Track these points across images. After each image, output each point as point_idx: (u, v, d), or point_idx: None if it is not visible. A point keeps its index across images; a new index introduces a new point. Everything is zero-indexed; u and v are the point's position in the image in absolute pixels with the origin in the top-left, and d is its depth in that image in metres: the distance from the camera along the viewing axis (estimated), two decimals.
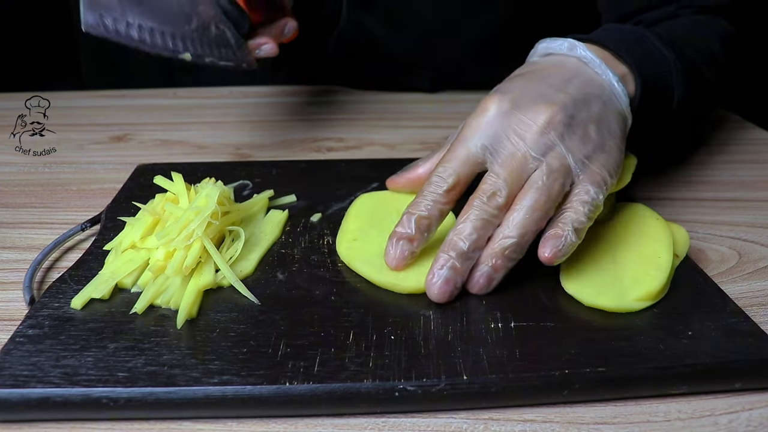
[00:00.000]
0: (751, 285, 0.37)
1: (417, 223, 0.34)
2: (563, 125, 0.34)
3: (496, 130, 0.34)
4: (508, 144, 0.34)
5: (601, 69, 0.38)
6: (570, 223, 0.33)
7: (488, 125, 0.34)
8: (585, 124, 0.35)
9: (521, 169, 0.33)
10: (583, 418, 0.28)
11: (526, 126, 0.34)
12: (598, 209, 0.34)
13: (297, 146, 0.58)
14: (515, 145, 0.34)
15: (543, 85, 0.36)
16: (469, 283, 0.33)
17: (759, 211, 0.46)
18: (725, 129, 0.61)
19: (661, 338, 0.30)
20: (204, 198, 0.36)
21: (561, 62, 0.38)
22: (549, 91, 0.36)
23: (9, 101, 0.59)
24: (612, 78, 0.37)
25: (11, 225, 0.43)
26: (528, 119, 0.34)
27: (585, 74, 0.37)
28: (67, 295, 0.32)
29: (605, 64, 0.38)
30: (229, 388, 0.27)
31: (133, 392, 0.26)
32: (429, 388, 0.27)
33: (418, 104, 0.68)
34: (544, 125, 0.34)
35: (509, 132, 0.34)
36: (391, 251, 0.34)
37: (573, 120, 0.35)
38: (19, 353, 0.28)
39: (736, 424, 0.27)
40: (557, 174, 0.33)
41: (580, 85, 0.36)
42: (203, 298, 0.33)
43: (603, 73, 0.38)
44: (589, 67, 0.38)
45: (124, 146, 0.57)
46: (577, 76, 0.37)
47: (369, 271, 0.35)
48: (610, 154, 0.35)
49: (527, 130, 0.34)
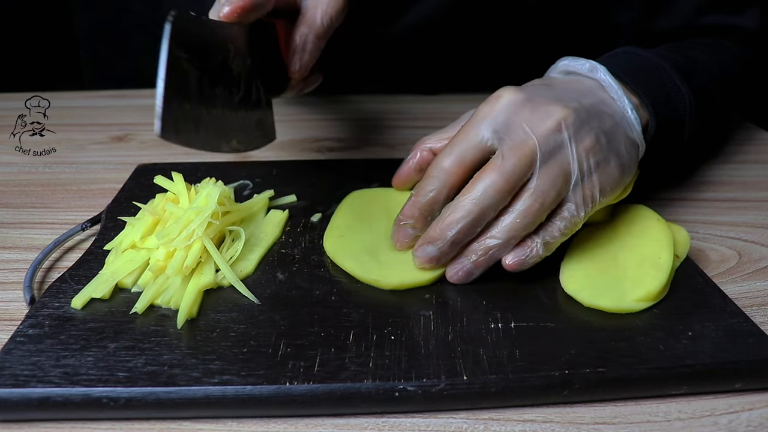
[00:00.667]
0: (751, 285, 0.37)
1: (420, 207, 0.34)
2: (575, 128, 0.34)
3: (508, 117, 0.34)
4: (520, 132, 0.33)
5: (617, 95, 0.38)
6: (542, 237, 0.33)
7: (501, 112, 0.34)
8: (596, 132, 0.35)
9: (529, 159, 0.33)
10: (583, 418, 0.28)
11: (539, 120, 0.34)
12: (575, 227, 0.34)
13: (297, 146, 0.58)
14: (526, 134, 0.33)
15: (558, 90, 0.36)
16: (449, 271, 0.34)
17: (759, 211, 0.46)
18: (725, 129, 0.61)
19: (661, 339, 0.30)
20: (204, 198, 0.36)
21: (579, 81, 0.39)
22: (564, 96, 0.36)
23: (9, 101, 0.59)
24: (627, 105, 0.37)
25: (11, 225, 0.43)
26: (541, 113, 0.34)
27: (600, 96, 0.37)
28: (68, 295, 0.32)
29: (622, 91, 0.38)
30: (229, 388, 0.27)
31: (134, 392, 0.26)
32: (429, 388, 0.27)
33: (418, 104, 0.68)
34: (556, 122, 0.33)
35: (521, 121, 0.33)
36: (396, 234, 0.36)
37: (585, 125, 0.34)
38: (20, 353, 0.28)
39: (736, 424, 0.27)
40: (556, 181, 0.33)
41: (594, 102, 0.36)
42: (203, 298, 0.33)
43: (619, 99, 0.37)
44: (606, 91, 0.38)
45: (125, 146, 0.57)
46: (591, 95, 0.37)
47: (352, 266, 0.35)
48: (609, 174, 0.35)
49: (539, 125, 0.33)
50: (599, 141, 0.35)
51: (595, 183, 0.34)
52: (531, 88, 0.36)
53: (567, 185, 0.33)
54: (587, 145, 0.34)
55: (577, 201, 0.34)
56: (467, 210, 0.32)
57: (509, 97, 0.34)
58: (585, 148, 0.34)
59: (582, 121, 0.34)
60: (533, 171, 0.33)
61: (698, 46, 0.50)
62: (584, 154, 0.34)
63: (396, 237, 0.36)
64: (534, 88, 0.36)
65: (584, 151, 0.34)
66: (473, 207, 0.32)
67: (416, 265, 0.34)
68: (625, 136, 0.37)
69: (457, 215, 0.32)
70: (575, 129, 0.34)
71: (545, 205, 0.33)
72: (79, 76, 1.02)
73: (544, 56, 0.44)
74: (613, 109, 0.37)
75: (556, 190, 0.33)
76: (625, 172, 0.36)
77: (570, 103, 0.35)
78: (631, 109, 0.37)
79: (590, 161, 0.34)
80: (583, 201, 0.34)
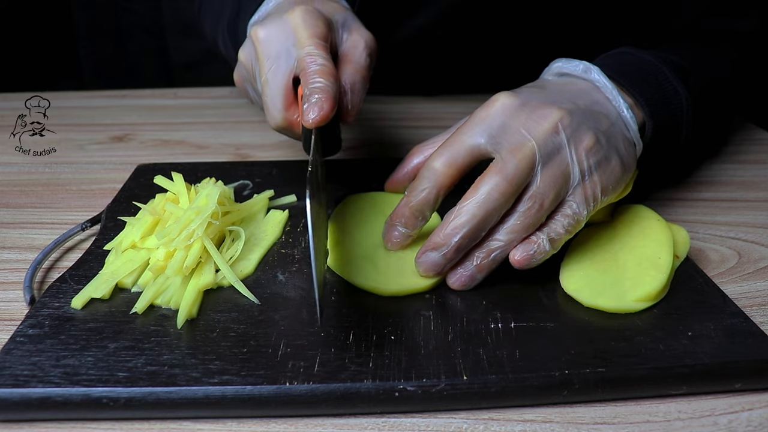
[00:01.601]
0: (751, 285, 0.37)
1: (411, 207, 0.34)
2: (572, 129, 0.34)
3: (504, 121, 0.34)
4: (517, 135, 0.33)
5: (612, 95, 0.37)
6: (547, 233, 0.33)
7: (496, 117, 0.34)
8: (594, 132, 0.35)
9: (529, 161, 0.33)
10: (583, 418, 0.28)
11: (535, 123, 0.34)
12: (579, 224, 0.34)
13: (297, 146, 0.57)
14: (524, 137, 0.33)
15: (552, 93, 0.36)
16: (451, 278, 0.34)
17: (759, 211, 0.46)
18: (725, 129, 0.61)
19: (661, 339, 0.30)
20: (204, 198, 0.36)
21: (573, 83, 0.38)
22: (559, 98, 0.36)
23: (9, 101, 0.59)
24: (622, 105, 0.37)
25: (11, 225, 0.43)
26: (538, 116, 0.34)
27: (595, 97, 0.37)
28: (68, 295, 0.32)
29: (617, 91, 0.38)
30: (229, 388, 0.27)
31: (134, 392, 0.26)
32: (429, 388, 0.27)
33: (418, 105, 0.68)
34: (553, 124, 0.33)
35: (518, 125, 0.34)
36: (387, 233, 0.36)
37: (582, 126, 0.34)
38: (20, 353, 0.28)
39: (736, 424, 0.27)
40: (556, 183, 0.33)
41: (589, 104, 0.36)
42: (203, 298, 0.33)
43: (614, 99, 0.37)
44: (601, 92, 0.38)
45: (125, 146, 0.57)
46: (586, 96, 0.37)
47: (350, 274, 0.34)
48: (611, 172, 0.35)
49: (536, 127, 0.33)
50: (598, 140, 0.35)
51: (596, 182, 0.34)
52: (525, 91, 0.36)
53: (566, 186, 0.33)
54: (586, 145, 0.34)
55: (578, 200, 0.34)
56: (471, 214, 0.32)
57: (504, 101, 0.34)
58: (584, 149, 0.34)
59: (579, 121, 0.34)
60: (534, 173, 0.33)
61: (696, 48, 0.50)
62: (583, 154, 0.34)
63: (387, 237, 0.36)
64: (528, 92, 0.36)
65: (583, 151, 0.34)
66: (477, 210, 0.32)
67: (419, 273, 0.34)
68: (623, 135, 0.37)
69: (462, 220, 0.32)
70: (572, 130, 0.34)
71: (545, 206, 0.33)
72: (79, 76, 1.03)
73: (545, 58, 0.44)
74: (607, 109, 0.37)
75: (555, 191, 0.33)
76: (626, 170, 0.36)
77: (565, 105, 0.35)
78: (626, 108, 0.37)
79: (590, 161, 0.34)
80: (585, 200, 0.34)
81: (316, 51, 0.36)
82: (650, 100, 0.39)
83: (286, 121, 0.38)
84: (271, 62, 0.37)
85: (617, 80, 0.39)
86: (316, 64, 0.35)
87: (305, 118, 0.34)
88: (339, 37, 0.40)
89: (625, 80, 0.39)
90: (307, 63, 0.36)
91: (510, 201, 0.32)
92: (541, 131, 0.33)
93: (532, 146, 0.33)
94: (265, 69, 0.37)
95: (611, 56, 0.43)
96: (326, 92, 0.34)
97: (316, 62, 0.35)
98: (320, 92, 0.34)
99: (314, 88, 0.34)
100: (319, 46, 0.36)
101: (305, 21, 0.37)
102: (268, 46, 0.37)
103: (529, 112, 0.34)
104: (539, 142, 0.33)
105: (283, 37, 0.37)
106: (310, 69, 0.35)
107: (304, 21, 0.37)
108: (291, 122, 0.38)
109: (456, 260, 0.33)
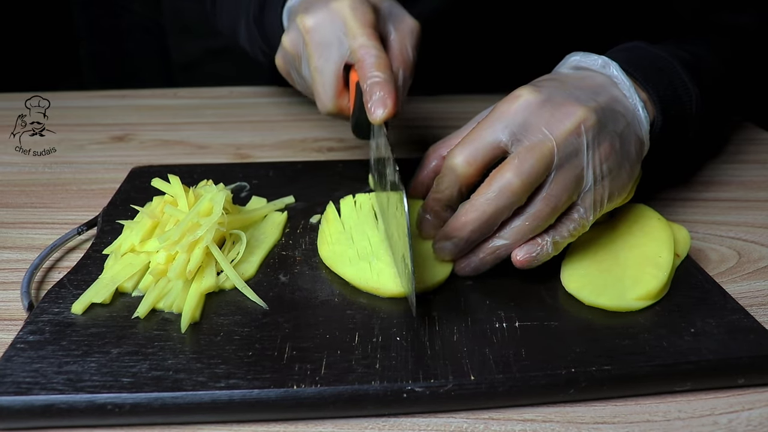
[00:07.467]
0: (751, 285, 0.37)
1: (436, 202, 0.35)
2: (594, 132, 0.33)
3: (526, 118, 0.33)
4: (539, 133, 0.33)
5: (630, 92, 0.37)
6: (552, 236, 0.33)
7: (519, 113, 0.33)
8: (612, 137, 0.34)
9: (547, 161, 0.32)
10: (583, 417, 0.28)
11: (558, 122, 0.33)
12: (583, 229, 0.34)
13: (297, 146, 0.57)
14: (545, 135, 0.33)
15: (573, 88, 0.36)
16: (458, 265, 0.35)
17: (759, 211, 0.46)
18: (725, 129, 0.61)
19: (665, 336, 0.30)
20: (208, 203, 0.36)
21: (591, 77, 0.38)
22: (581, 95, 0.35)
23: (9, 101, 0.59)
24: (638, 103, 0.37)
25: (11, 225, 0.42)
26: (561, 114, 0.33)
27: (613, 93, 0.37)
28: (67, 300, 0.32)
29: (633, 88, 0.37)
30: (236, 393, 0.26)
31: (139, 398, 0.26)
32: (437, 388, 0.27)
33: (418, 105, 0.68)
34: (576, 125, 0.33)
35: (540, 123, 0.33)
36: (419, 224, 0.36)
37: (604, 128, 0.34)
38: (21, 360, 0.28)
39: (736, 423, 0.27)
40: (569, 186, 0.33)
41: (609, 101, 0.36)
42: (205, 302, 0.32)
43: (630, 96, 0.37)
44: (618, 88, 0.37)
45: (125, 146, 0.57)
46: (605, 92, 0.37)
47: (350, 275, 0.34)
48: (619, 178, 0.35)
49: (559, 127, 0.33)
50: (614, 147, 0.34)
51: (605, 188, 0.34)
52: (547, 87, 0.35)
53: (578, 190, 0.33)
54: (603, 152, 0.34)
55: (587, 205, 0.34)
56: (481, 210, 0.32)
57: (528, 97, 0.34)
58: (601, 155, 0.34)
59: (601, 124, 0.34)
60: (549, 174, 0.32)
61: (702, 43, 0.50)
62: (599, 160, 0.34)
63: (419, 226, 0.37)
64: (550, 87, 0.35)
65: (600, 158, 0.34)
66: (487, 207, 0.32)
67: (436, 256, 0.35)
68: (635, 136, 0.37)
69: (471, 216, 0.32)
70: (594, 134, 0.33)
71: (557, 209, 0.33)
72: (79, 76, 1.02)
73: (544, 55, 0.43)
74: (625, 107, 0.37)
75: (568, 194, 0.33)
76: (632, 177, 0.36)
77: (588, 103, 0.34)
78: (641, 107, 0.37)
79: (603, 168, 0.34)
80: (593, 205, 0.34)
81: (369, 42, 0.36)
82: (663, 97, 0.39)
83: (337, 108, 0.39)
84: (321, 51, 0.38)
85: (632, 74, 0.39)
86: (371, 56, 0.36)
87: (372, 116, 0.35)
88: (387, 26, 0.40)
89: (639, 75, 0.39)
90: (362, 54, 0.36)
91: (522, 199, 0.32)
92: (564, 131, 0.33)
93: (552, 147, 0.32)
94: (315, 57, 0.38)
95: (626, 50, 0.43)
96: (387, 87, 0.35)
97: (371, 54, 0.36)
98: (381, 87, 0.35)
99: (374, 82, 0.35)
100: (371, 36, 0.37)
101: (354, 9, 0.37)
102: (317, 34, 0.38)
103: (553, 110, 0.33)
104: (560, 143, 0.32)
105: (332, 25, 0.37)
106: (367, 61, 0.36)
107: (354, 9, 0.37)
108: (341, 108, 0.39)
109: (467, 249, 0.34)
